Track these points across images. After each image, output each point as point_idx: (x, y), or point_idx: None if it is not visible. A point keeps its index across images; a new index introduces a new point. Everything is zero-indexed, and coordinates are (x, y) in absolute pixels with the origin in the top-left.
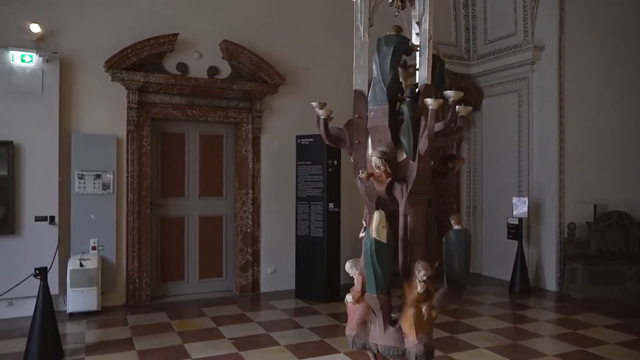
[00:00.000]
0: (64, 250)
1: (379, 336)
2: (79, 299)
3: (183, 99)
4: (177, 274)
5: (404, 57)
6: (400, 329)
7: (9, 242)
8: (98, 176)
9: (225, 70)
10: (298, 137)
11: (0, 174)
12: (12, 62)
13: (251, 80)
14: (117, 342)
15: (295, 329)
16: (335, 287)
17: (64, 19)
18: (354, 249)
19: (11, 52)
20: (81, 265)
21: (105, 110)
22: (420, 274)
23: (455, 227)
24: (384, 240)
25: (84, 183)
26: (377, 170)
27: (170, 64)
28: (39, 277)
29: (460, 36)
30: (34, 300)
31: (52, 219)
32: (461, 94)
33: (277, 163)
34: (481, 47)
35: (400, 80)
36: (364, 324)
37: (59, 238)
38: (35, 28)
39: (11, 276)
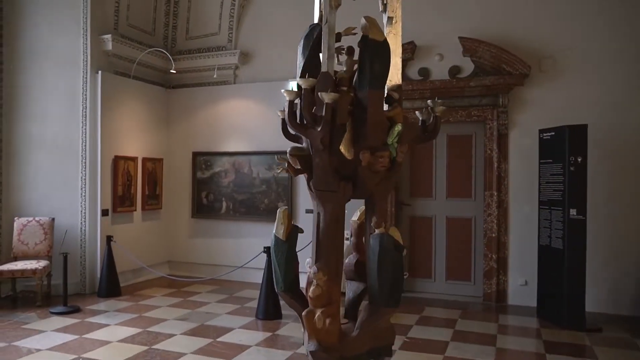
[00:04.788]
0: None
1: (304, 337)
2: None
3: (424, 103)
4: (425, 271)
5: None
6: None
7: None
8: None
9: (468, 67)
10: (540, 131)
11: (283, 176)
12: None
13: (494, 73)
14: None
15: (474, 344)
16: (578, 314)
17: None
18: (605, 267)
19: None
20: None
21: None
22: (311, 276)
23: (376, 231)
24: (282, 237)
25: None
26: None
27: (412, 71)
28: (266, 253)
29: None
30: None
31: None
32: (312, 80)
33: (526, 162)
34: None
35: (344, 69)
36: None
37: None
38: None
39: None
